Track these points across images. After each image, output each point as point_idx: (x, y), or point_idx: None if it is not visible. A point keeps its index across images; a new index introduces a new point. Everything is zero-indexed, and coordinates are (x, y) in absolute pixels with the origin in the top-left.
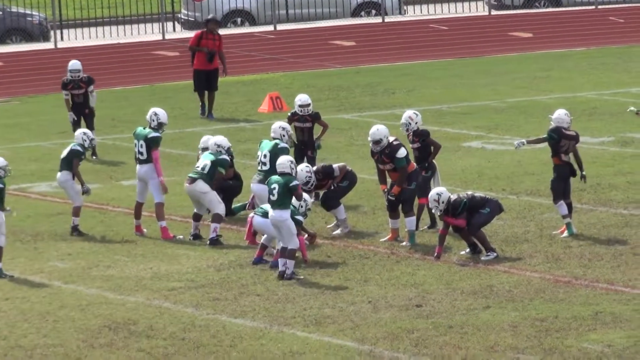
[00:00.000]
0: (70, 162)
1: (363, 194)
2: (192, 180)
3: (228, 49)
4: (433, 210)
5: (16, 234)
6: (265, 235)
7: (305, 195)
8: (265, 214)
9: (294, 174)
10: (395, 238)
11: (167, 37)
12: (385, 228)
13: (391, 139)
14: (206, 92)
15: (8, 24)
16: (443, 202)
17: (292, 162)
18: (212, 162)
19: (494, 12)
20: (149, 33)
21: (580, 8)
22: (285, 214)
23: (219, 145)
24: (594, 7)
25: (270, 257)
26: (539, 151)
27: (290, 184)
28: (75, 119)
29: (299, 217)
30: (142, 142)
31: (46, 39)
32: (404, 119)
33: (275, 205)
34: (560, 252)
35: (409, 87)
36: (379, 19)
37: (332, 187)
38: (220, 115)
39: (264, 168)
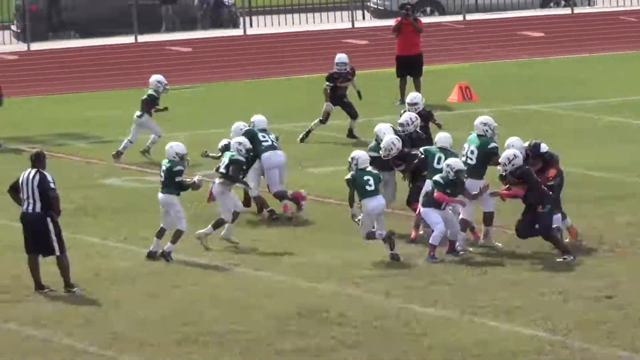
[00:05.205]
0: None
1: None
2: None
3: None
4: (499, 168)
5: (205, 220)
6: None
7: None
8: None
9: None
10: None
11: (356, 25)
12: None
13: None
14: (409, 79)
15: (180, 11)
16: (513, 165)
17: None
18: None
19: None
20: (338, 21)
21: None
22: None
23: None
24: None
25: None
26: None
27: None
28: (332, 108)
29: None
30: None
31: (235, 25)
32: (385, 144)
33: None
34: None
35: (598, 79)
36: (568, 10)
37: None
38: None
39: (470, 162)
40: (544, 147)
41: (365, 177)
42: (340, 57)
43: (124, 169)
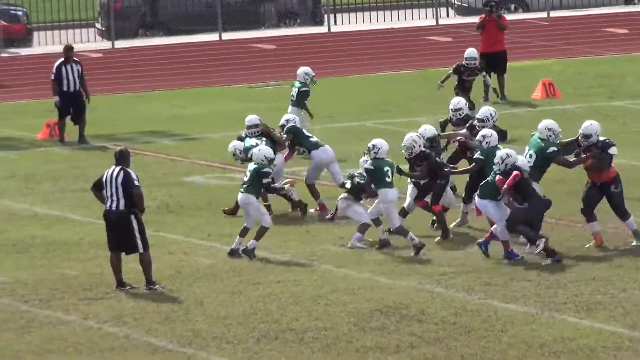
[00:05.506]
0: None
1: (631, 182)
2: None
3: None
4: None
5: (288, 217)
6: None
7: None
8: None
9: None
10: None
11: (440, 22)
12: None
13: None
14: (493, 76)
15: (282, 8)
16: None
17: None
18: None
19: None
20: (422, 18)
21: None
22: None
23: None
24: None
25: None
26: None
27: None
28: (442, 87)
29: None
30: None
31: (319, 23)
32: (406, 142)
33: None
34: None
35: None
36: None
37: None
38: (492, 100)
39: (529, 165)
40: (613, 150)
41: (385, 168)
42: (470, 51)
43: (208, 166)
